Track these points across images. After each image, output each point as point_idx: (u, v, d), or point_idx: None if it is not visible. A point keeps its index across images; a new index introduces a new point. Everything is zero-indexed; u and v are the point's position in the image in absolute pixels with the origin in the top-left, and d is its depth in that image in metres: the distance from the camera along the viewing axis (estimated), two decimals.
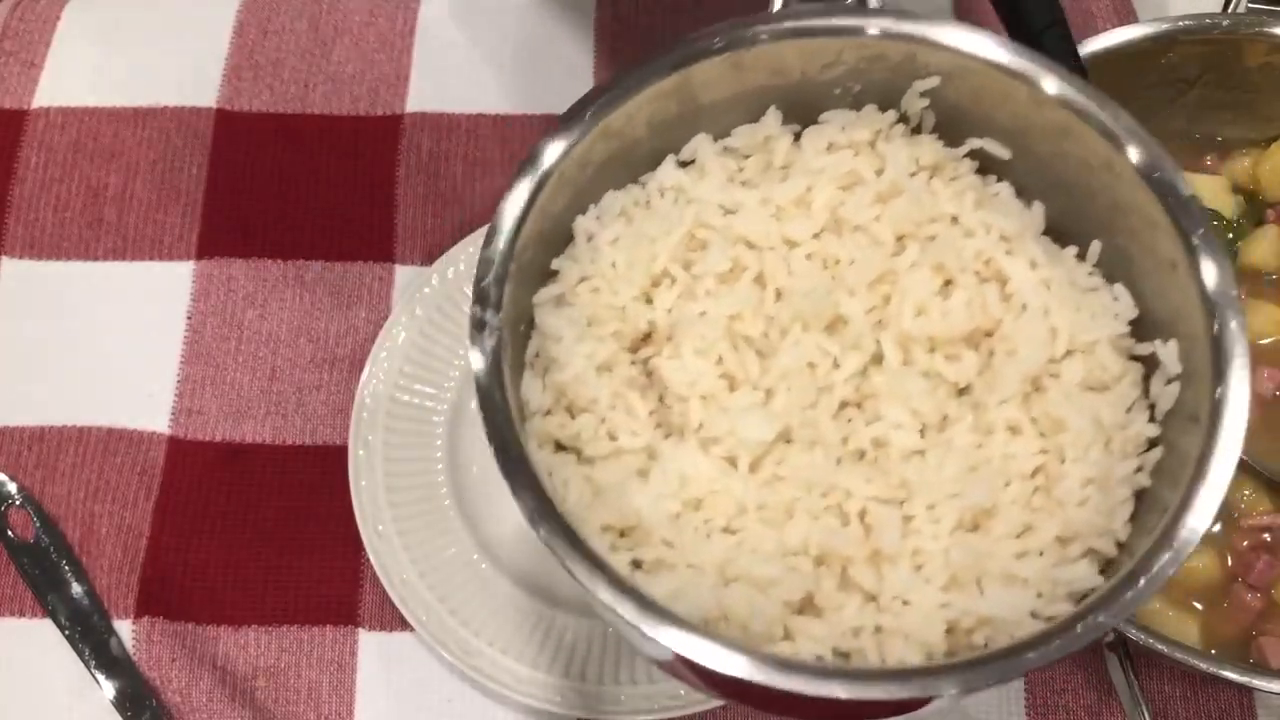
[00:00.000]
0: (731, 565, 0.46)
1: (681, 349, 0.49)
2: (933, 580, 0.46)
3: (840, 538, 0.46)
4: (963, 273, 0.50)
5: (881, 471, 0.48)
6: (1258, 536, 0.59)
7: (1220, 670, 0.53)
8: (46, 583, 0.63)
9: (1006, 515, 0.47)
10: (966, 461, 0.47)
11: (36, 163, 0.74)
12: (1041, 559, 0.47)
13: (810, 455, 0.48)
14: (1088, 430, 0.48)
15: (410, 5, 0.79)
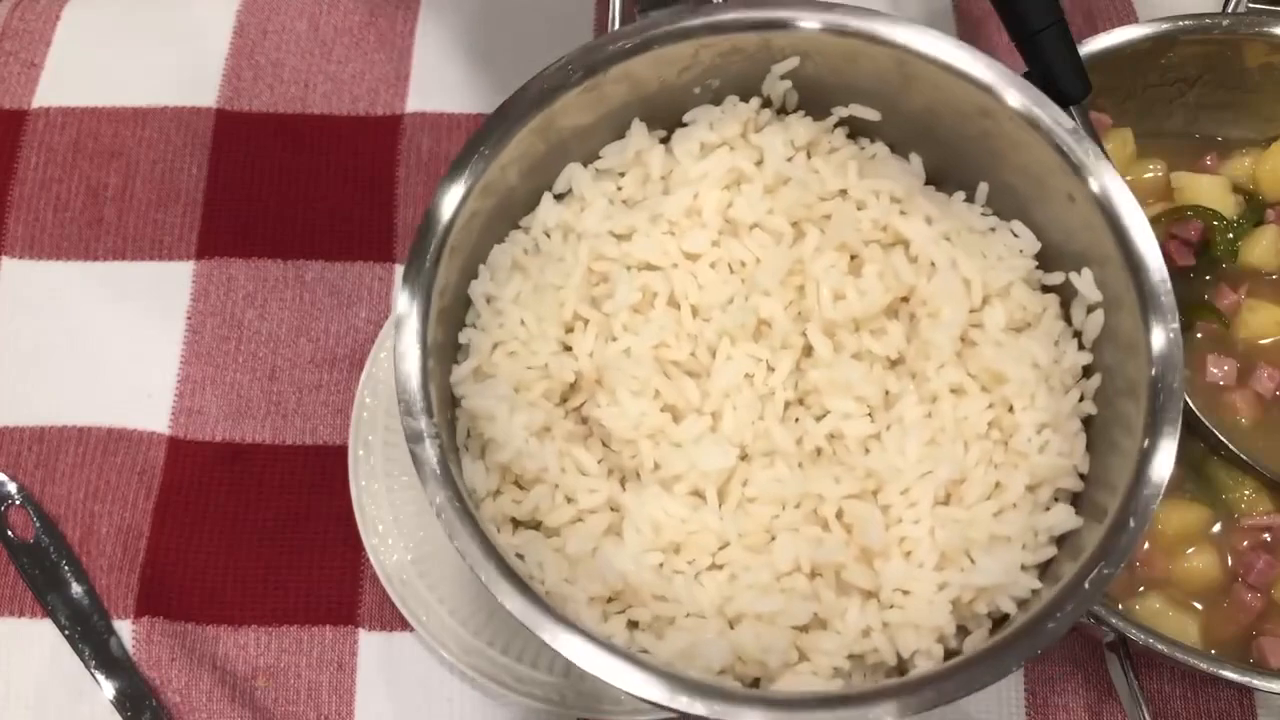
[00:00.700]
0: (731, 604, 0.46)
1: (617, 393, 0.48)
2: (925, 564, 0.46)
3: (827, 547, 0.46)
4: (866, 246, 0.51)
5: (846, 467, 0.48)
6: (1258, 537, 0.59)
7: (1220, 670, 0.53)
8: (46, 583, 0.63)
9: (975, 479, 0.47)
10: (923, 435, 0.48)
11: (37, 163, 0.74)
12: (1017, 511, 0.47)
13: (772, 469, 0.48)
14: (1028, 376, 0.48)
15: (410, 5, 0.79)
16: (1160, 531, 0.59)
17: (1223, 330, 0.63)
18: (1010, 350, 0.49)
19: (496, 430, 0.48)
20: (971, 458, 0.48)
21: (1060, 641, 0.43)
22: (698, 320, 0.49)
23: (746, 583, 0.46)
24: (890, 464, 0.47)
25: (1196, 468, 0.61)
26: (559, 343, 0.50)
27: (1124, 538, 0.44)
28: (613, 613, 0.46)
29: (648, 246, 0.50)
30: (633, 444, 0.48)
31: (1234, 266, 0.64)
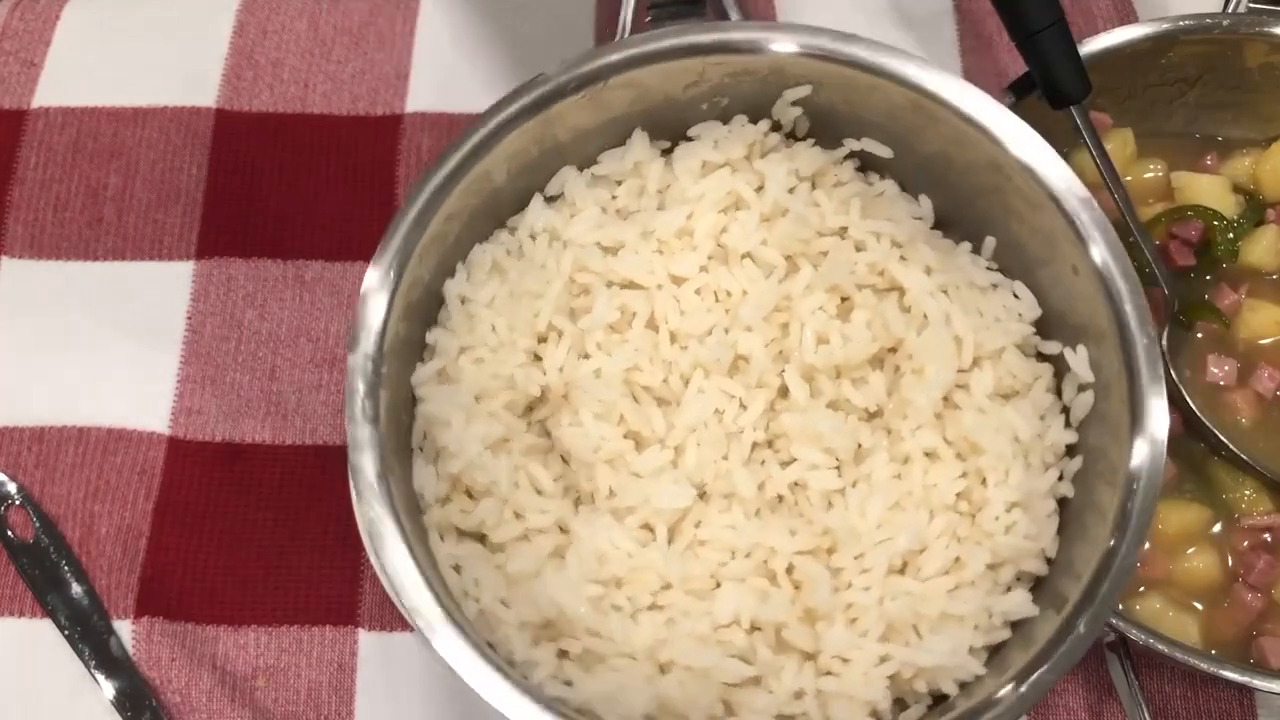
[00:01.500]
0: (664, 649, 0.44)
1: (580, 414, 0.47)
2: (869, 633, 0.45)
3: (771, 603, 0.45)
4: (859, 290, 0.49)
5: (805, 521, 0.46)
6: (1258, 537, 0.59)
7: (1220, 670, 0.53)
8: (46, 583, 0.63)
9: (935, 550, 0.46)
10: (888, 498, 0.46)
11: (36, 162, 0.74)
12: (974, 590, 0.46)
13: (729, 514, 0.46)
14: (1005, 449, 0.47)
15: (410, 5, 0.79)
16: (1161, 531, 0.59)
17: (1223, 330, 0.63)
18: (992, 419, 0.47)
19: (450, 439, 0.47)
20: (934, 528, 0.46)
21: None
22: (674, 347, 0.48)
23: (684, 630, 0.44)
24: (850, 525, 0.46)
25: (1197, 468, 0.61)
26: (529, 353, 0.48)
27: (1071, 641, 0.43)
28: (544, 639, 0.45)
29: (634, 264, 0.49)
30: (590, 467, 0.47)
31: (1234, 266, 0.64)
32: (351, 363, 0.44)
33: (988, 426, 0.47)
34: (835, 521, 0.46)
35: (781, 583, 0.45)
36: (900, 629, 0.45)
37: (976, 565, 0.46)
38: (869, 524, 0.46)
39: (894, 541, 0.45)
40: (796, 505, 0.47)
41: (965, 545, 0.46)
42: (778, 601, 0.45)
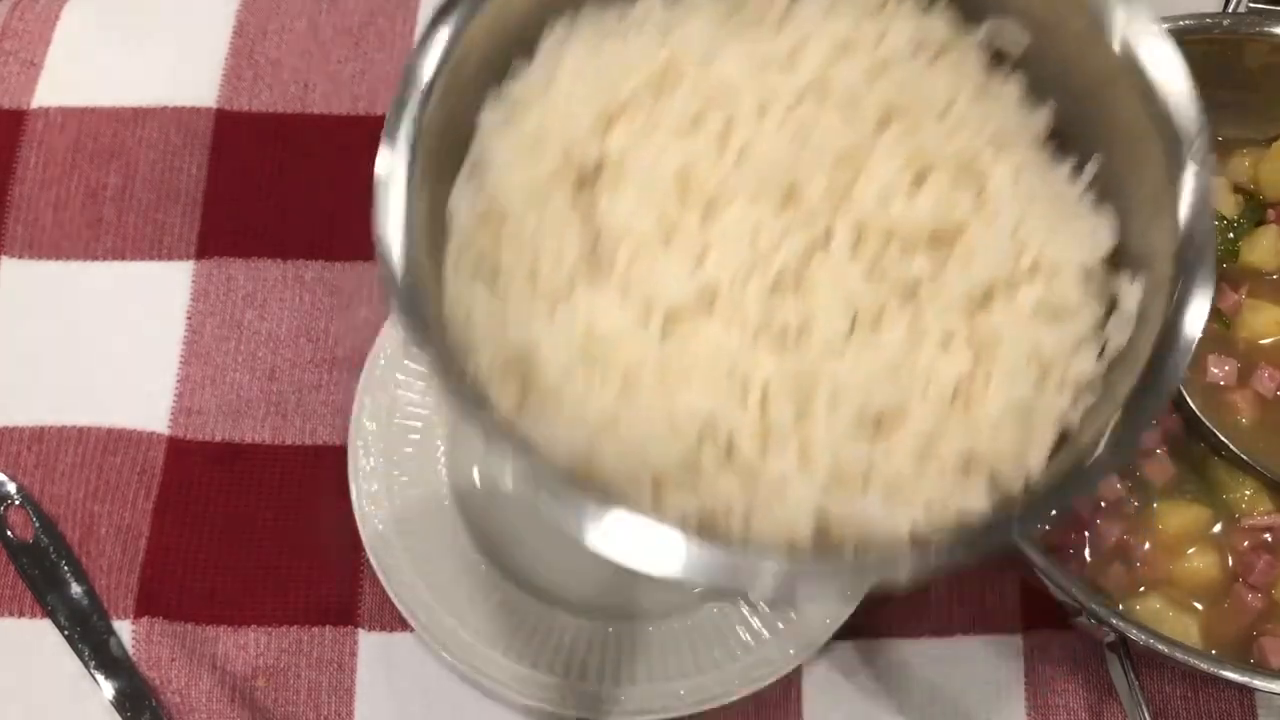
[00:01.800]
0: (617, 422, 0.43)
1: (626, 191, 0.45)
2: (815, 475, 0.43)
3: (732, 411, 0.43)
4: (939, 169, 0.47)
5: (796, 355, 0.44)
6: (1258, 537, 0.59)
7: (1221, 670, 0.53)
8: (46, 583, 0.63)
9: (914, 421, 0.44)
10: (885, 361, 0.44)
11: (36, 162, 0.74)
12: (937, 475, 0.44)
13: (727, 332, 0.44)
14: (1021, 358, 0.45)
15: (410, 5, 0.79)
16: (1161, 531, 0.59)
17: (1223, 330, 0.63)
18: (1021, 327, 0.45)
19: (499, 169, 0.45)
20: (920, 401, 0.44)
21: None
22: (738, 162, 0.46)
23: (641, 410, 0.43)
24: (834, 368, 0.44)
25: (1197, 468, 0.61)
26: (597, 124, 0.46)
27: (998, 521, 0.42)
28: (510, 376, 0.44)
29: (729, 73, 0.47)
30: (615, 246, 0.45)
31: (1234, 267, 0.64)
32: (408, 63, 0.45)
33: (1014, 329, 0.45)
34: (825, 367, 0.44)
35: (751, 406, 0.43)
36: (846, 481, 0.43)
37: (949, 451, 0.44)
38: (857, 377, 0.44)
39: (873, 398, 0.44)
40: (796, 345, 0.45)
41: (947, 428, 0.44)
42: (741, 418, 0.43)
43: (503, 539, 0.64)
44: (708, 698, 0.60)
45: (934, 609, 0.64)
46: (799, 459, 0.43)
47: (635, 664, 0.61)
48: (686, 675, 0.60)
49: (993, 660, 0.63)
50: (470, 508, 0.65)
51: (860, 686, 0.62)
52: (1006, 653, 0.63)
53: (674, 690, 0.60)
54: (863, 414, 0.44)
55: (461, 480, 0.65)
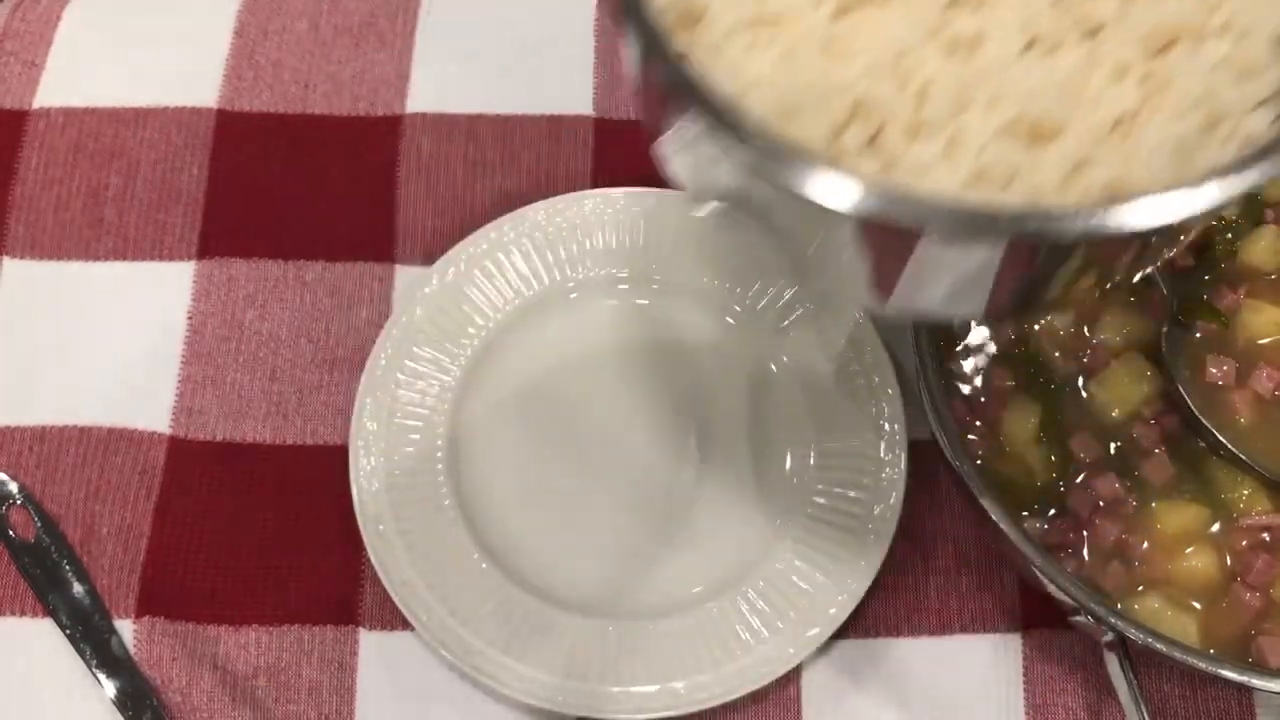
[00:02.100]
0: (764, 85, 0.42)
1: None
2: (959, 168, 0.42)
3: (889, 95, 0.43)
4: None
5: (965, 62, 0.44)
6: (1257, 536, 0.59)
7: (1219, 670, 0.53)
8: (47, 582, 0.63)
9: (1068, 139, 0.43)
10: (1054, 79, 0.43)
11: (37, 163, 0.74)
12: (1080, 196, 0.43)
13: (900, 24, 0.44)
14: (1191, 101, 0.44)
15: (410, 5, 0.79)
16: (1160, 531, 0.59)
17: (1222, 330, 0.63)
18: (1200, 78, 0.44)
19: None
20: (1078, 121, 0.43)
21: None
22: None
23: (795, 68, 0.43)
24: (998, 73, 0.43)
25: (1195, 467, 0.61)
26: None
27: None
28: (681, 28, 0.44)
29: None
30: None
31: (1233, 266, 0.64)
32: None
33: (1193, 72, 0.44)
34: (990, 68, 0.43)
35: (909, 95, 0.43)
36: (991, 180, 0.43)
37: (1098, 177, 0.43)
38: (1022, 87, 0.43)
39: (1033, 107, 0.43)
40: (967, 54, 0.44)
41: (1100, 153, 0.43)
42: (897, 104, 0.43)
43: (503, 539, 0.64)
44: (708, 697, 0.60)
45: (934, 608, 0.64)
46: (945, 149, 0.43)
47: (635, 664, 0.61)
48: (686, 675, 0.61)
49: (992, 660, 0.63)
50: (470, 507, 0.65)
51: (860, 686, 0.63)
52: (1005, 652, 0.63)
53: (674, 690, 0.60)
54: (1019, 120, 0.43)
55: (461, 480, 0.65)
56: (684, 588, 0.63)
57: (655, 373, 0.68)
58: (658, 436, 0.67)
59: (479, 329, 0.68)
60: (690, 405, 0.67)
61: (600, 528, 0.65)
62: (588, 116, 0.76)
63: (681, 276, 0.69)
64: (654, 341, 0.69)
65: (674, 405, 0.68)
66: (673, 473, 0.66)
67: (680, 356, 0.69)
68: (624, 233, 0.70)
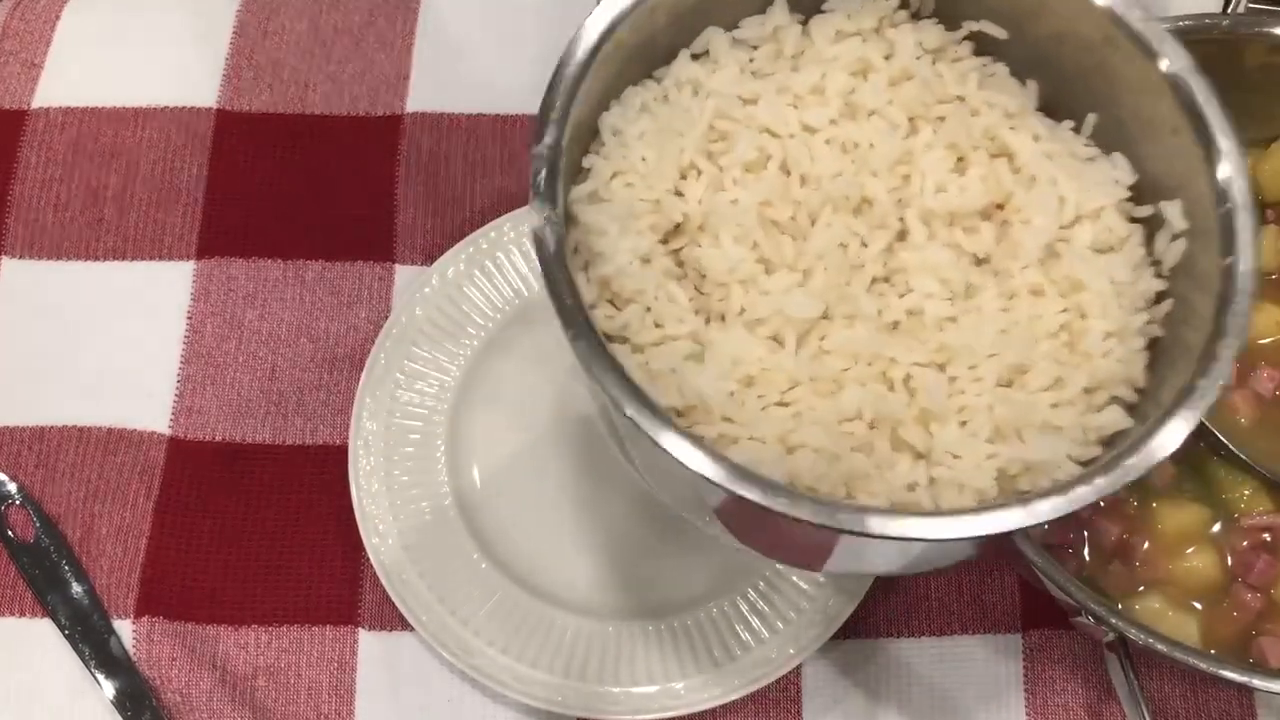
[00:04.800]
0: (792, 436, 0.47)
1: (719, 237, 0.50)
2: (979, 434, 0.48)
3: (889, 402, 0.48)
4: (974, 150, 0.53)
5: (919, 340, 0.50)
6: (1257, 536, 0.59)
7: (1220, 670, 0.53)
8: (46, 582, 0.63)
9: (1039, 371, 0.49)
10: (997, 325, 0.50)
11: (37, 163, 0.74)
12: (1073, 408, 0.49)
13: (851, 330, 0.49)
14: (1105, 288, 0.50)
15: (410, 5, 0.79)
16: (1160, 531, 0.59)
17: None
18: (1092, 265, 0.51)
19: (605, 245, 0.50)
20: (1039, 351, 0.50)
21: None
22: (804, 188, 0.51)
23: (810, 421, 0.48)
24: (963, 341, 0.49)
25: (1196, 468, 0.61)
26: (673, 185, 0.52)
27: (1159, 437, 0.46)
28: (683, 426, 0.47)
29: (770, 113, 0.52)
30: (725, 287, 0.50)
31: None
32: (536, 151, 0.48)
33: (1089, 270, 0.51)
34: (950, 339, 0.49)
35: (898, 389, 0.49)
36: (1006, 433, 0.48)
37: (1075, 386, 0.49)
38: (980, 340, 0.49)
39: (1003, 356, 0.49)
40: (911, 330, 0.50)
41: (1066, 368, 0.50)
42: (895, 402, 0.48)
43: (503, 539, 0.64)
44: (708, 698, 0.60)
45: (934, 608, 0.64)
46: (962, 428, 0.48)
47: (635, 664, 0.61)
48: (686, 675, 0.61)
49: (992, 659, 0.63)
50: (470, 508, 0.65)
51: (860, 686, 0.63)
52: (1006, 652, 0.63)
53: (674, 690, 0.60)
54: (1000, 377, 0.49)
55: (461, 480, 0.65)
56: (684, 588, 0.63)
57: None
58: None
59: (479, 329, 0.68)
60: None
61: (600, 528, 0.65)
62: None
63: None
64: None
65: None
66: None
67: None
68: None
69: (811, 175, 0.52)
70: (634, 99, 0.53)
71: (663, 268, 0.51)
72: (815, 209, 0.51)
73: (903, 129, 0.53)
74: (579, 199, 0.51)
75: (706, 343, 0.49)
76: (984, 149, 0.53)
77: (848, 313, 0.50)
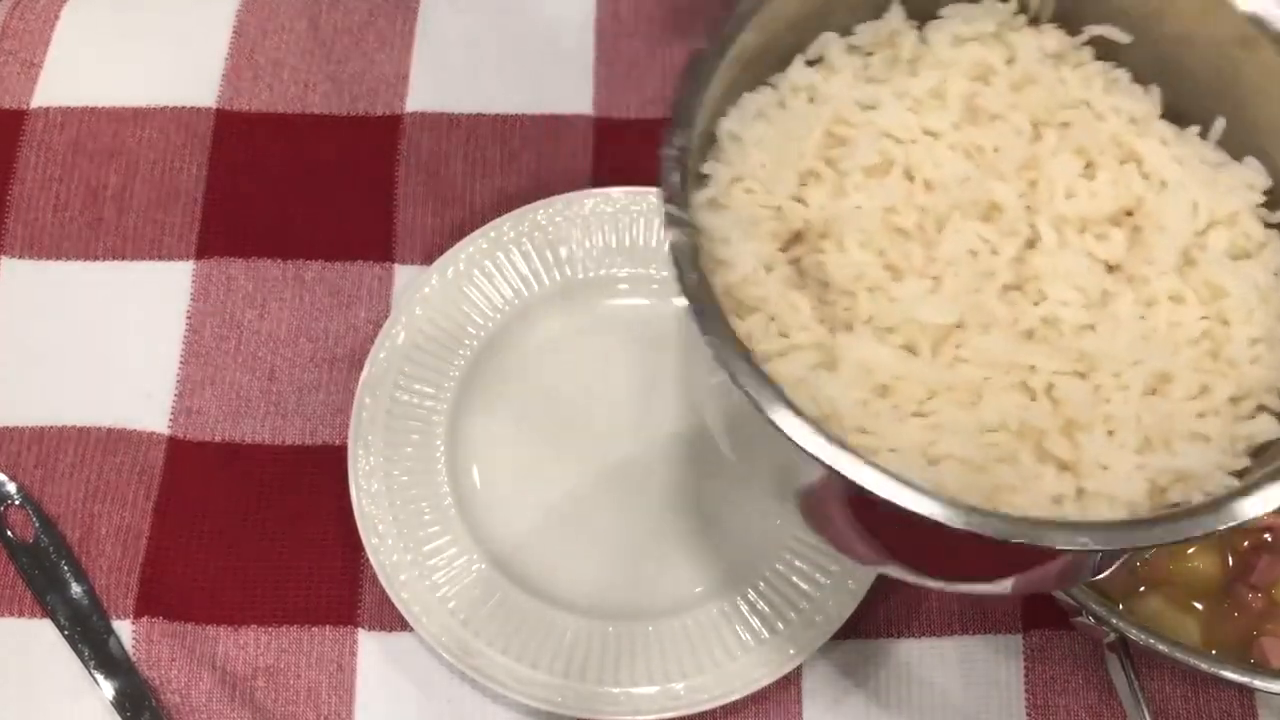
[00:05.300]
0: (934, 447, 0.46)
1: (844, 243, 0.49)
2: (1127, 444, 0.46)
3: (1033, 412, 0.46)
4: (1102, 154, 0.51)
5: (1058, 348, 0.48)
6: (1258, 536, 0.59)
7: (1220, 670, 0.53)
8: (46, 583, 0.63)
9: (1183, 379, 0.47)
10: (1137, 332, 0.48)
11: (36, 162, 0.74)
12: (1219, 418, 0.47)
13: (988, 337, 0.48)
14: (1249, 294, 0.49)
15: (410, 5, 0.79)
16: None
17: None
18: (1233, 270, 0.49)
19: (729, 253, 0.48)
20: (1181, 359, 0.48)
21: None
22: (929, 195, 0.50)
23: (951, 430, 0.46)
24: (1102, 349, 0.47)
25: None
26: (793, 191, 0.50)
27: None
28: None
29: (890, 118, 0.51)
30: (851, 295, 0.48)
31: None
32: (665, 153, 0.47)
33: (1230, 274, 0.49)
34: (1090, 346, 0.48)
35: (1040, 398, 0.47)
36: (1154, 444, 0.47)
37: (1221, 394, 0.47)
38: (1121, 346, 0.47)
39: (1148, 363, 0.47)
40: (1047, 339, 0.48)
41: (1211, 377, 0.48)
42: (1039, 412, 0.46)
43: (503, 539, 0.64)
44: (708, 698, 0.60)
45: (934, 608, 0.64)
46: (1109, 438, 0.46)
47: (635, 664, 0.61)
48: (686, 675, 0.60)
49: (993, 660, 0.63)
50: (470, 508, 0.65)
51: (860, 686, 0.63)
52: (1006, 652, 0.63)
53: (673, 691, 0.60)
54: (1146, 385, 0.47)
55: (461, 480, 0.65)
56: (684, 588, 0.63)
57: (655, 373, 0.68)
58: (657, 436, 0.67)
59: (479, 329, 0.68)
60: (690, 405, 0.67)
61: (600, 528, 0.65)
62: (588, 116, 0.76)
63: None
64: (654, 341, 0.69)
65: (674, 405, 0.67)
66: (673, 472, 0.66)
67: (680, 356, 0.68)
68: (624, 233, 0.70)
69: (936, 181, 0.50)
70: (750, 105, 0.52)
71: (783, 276, 0.49)
72: (942, 215, 0.49)
73: (1026, 134, 0.51)
74: (699, 205, 0.49)
75: (834, 352, 0.47)
76: (1112, 154, 0.51)
77: (982, 320, 0.48)
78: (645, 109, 0.76)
